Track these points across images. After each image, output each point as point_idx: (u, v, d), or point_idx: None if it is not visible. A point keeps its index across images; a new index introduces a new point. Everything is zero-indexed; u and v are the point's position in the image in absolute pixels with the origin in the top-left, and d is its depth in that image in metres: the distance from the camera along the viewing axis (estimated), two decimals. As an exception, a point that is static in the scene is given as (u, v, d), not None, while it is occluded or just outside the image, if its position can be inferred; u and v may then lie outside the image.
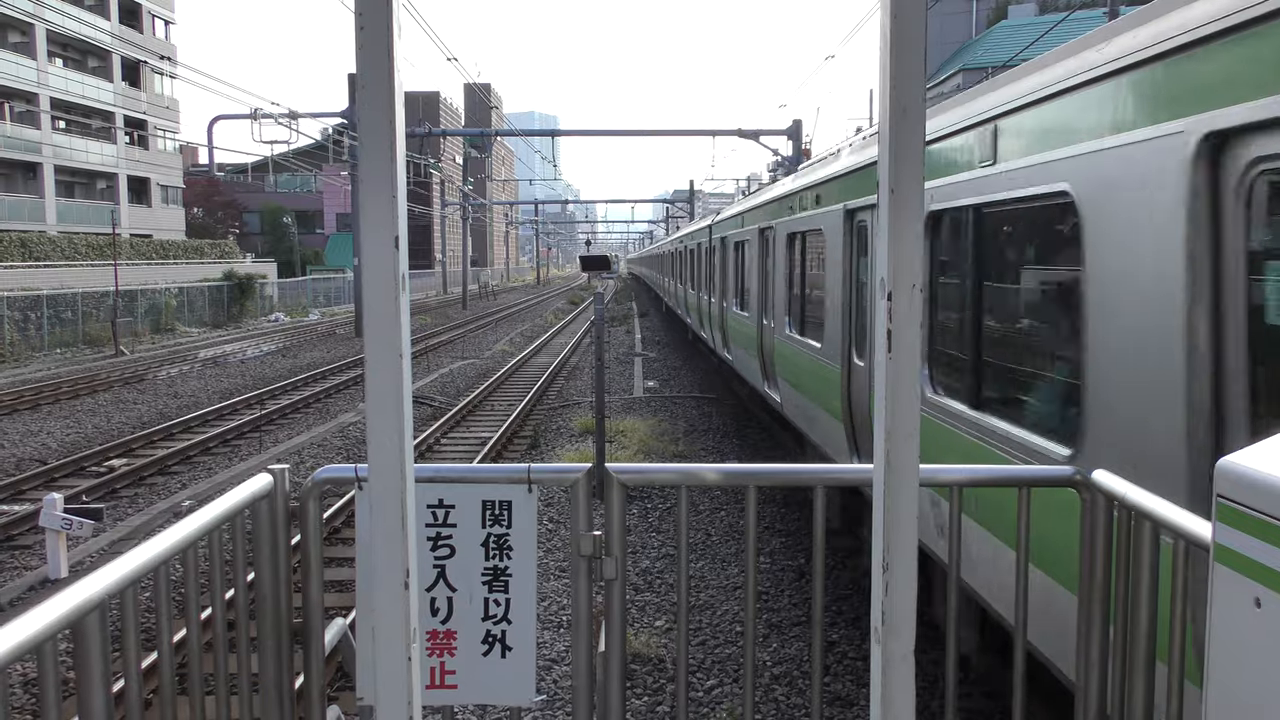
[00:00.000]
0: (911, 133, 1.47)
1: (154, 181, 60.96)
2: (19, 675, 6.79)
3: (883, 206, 1.54)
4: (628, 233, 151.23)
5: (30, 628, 1.87)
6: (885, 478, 1.56)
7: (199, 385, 23.27)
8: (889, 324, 1.51)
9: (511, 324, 44.67)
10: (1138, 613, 2.68)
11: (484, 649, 3.09)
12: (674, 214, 77.90)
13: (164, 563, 2.44)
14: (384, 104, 1.51)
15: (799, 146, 28.90)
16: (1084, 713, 2.92)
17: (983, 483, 3.59)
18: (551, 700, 6.44)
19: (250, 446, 15.87)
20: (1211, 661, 1.82)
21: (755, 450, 14.25)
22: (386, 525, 1.57)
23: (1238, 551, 1.76)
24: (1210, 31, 3.04)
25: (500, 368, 25.06)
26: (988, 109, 4.87)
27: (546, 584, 8.53)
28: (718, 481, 3.17)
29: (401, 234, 1.54)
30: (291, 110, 31.38)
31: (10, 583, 9.29)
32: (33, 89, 50.01)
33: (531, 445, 15.24)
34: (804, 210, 9.69)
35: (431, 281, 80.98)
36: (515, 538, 3.07)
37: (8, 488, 12.69)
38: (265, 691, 3.03)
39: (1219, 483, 1.79)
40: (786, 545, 9.64)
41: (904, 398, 1.53)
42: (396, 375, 1.56)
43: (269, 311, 49.71)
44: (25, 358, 30.34)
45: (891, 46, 1.45)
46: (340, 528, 10.35)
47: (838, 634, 7.39)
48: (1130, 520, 2.73)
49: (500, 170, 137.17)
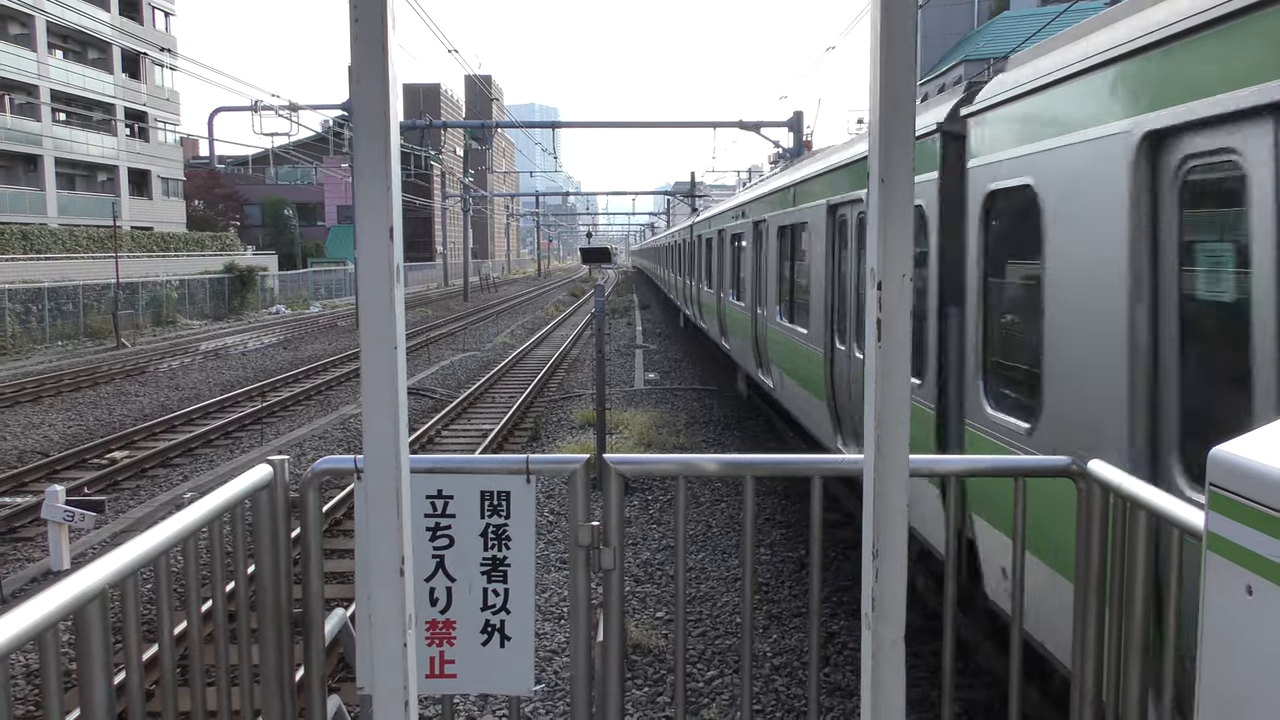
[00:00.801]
0: (902, 125, 1.49)
1: (155, 174, 60.90)
2: (21, 666, 6.82)
3: (873, 197, 1.55)
4: (629, 225, 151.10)
5: (32, 616, 1.89)
6: (875, 465, 1.57)
7: (200, 378, 23.31)
8: (879, 313, 1.52)
9: (512, 316, 44.68)
10: (1133, 600, 2.69)
11: (483, 639, 3.10)
12: (676, 209, 77.74)
13: (164, 553, 2.45)
14: (379, 98, 1.52)
15: (800, 138, 28.84)
16: (1079, 699, 2.94)
17: (980, 473, 3.60)
18: (551, 690, 6.47)
19: (252, 439, 15.90)
20: (1204, 648, 1.83)
21: (756, 442, 14.27)
22: (382, 512, 1.59)
23: (1230, 540, 1.78)
24: (1148, 41, 3.42)
25: (501, 360, 25.08)
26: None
27: (547, 575, 8.56)
28: (716, 472, 3.18)
29: (396, 226, 1.55)
30: (292, 102, 31.32)
31: (13, 574, 9.32)
32: (33, 81, 49.93)
33: (532, 437, 15.27)
34: (793, 205, 10.13)
35: (432, 273, 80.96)
36: (514, 528, 3.08)
37: (10, 480, 12.73)
38: (266, 682, 3.05)
39: (1212, 471, 1.81)
40: (787, 537, 9.66)
41: (894, 386, 1.54)
42: (391, 366, 1.57)
43: (270, 304, 49.73)
44: (27, 350, 30.39)
45: (882, 40, 1.46)
46: (341, 519, 10.38)
47: (838, 625, 7.41)
48: (1126, 509, 2.75)
49: (501, 162, 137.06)
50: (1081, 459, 2.98)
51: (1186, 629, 2.69)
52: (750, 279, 13.22)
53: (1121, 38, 3.63)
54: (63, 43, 54.47)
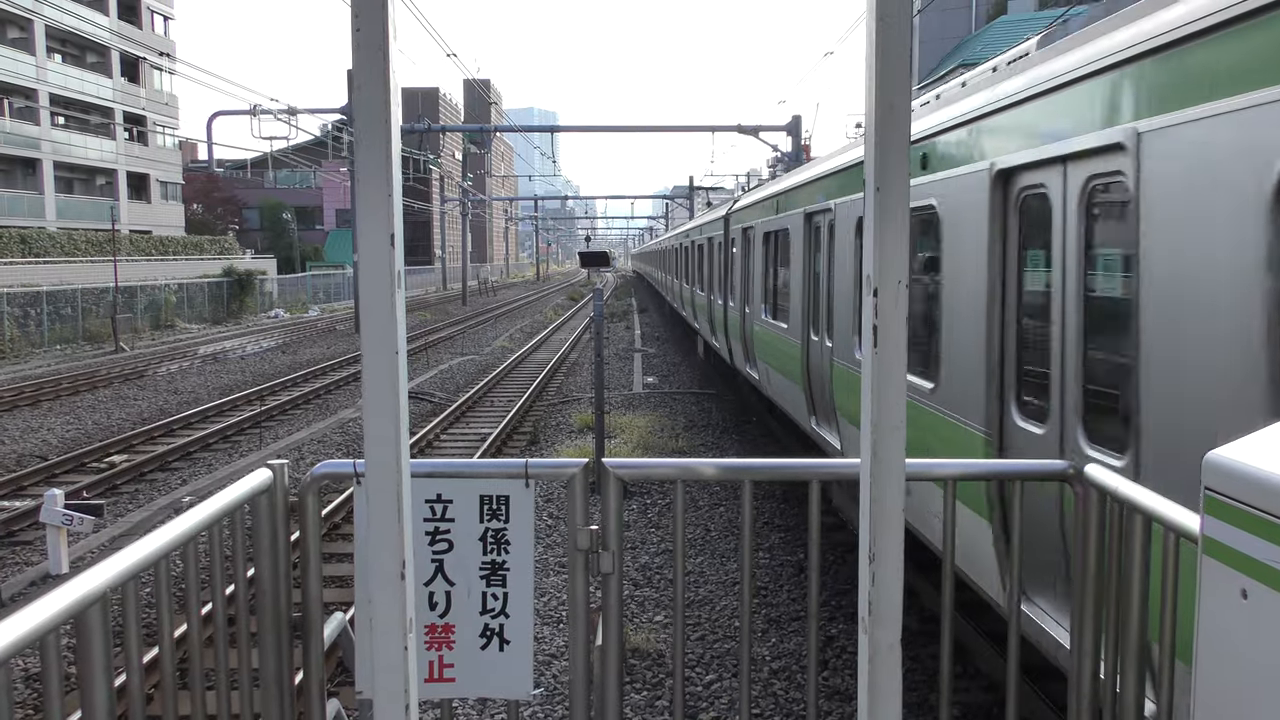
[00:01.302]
0: (897, 130, 1.50)
1: (153, 177, 60.90)
2: (20, 670, 6.82)
3: (869, 204, 1.56)
4: (627, 229, 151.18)
5: (33, 620, 1.89)
6: (872, 469, 1.58)
7: (199, 381, 23.30)
8: (875, 319, 1.53)
9: (511, 320, 44.69)
10: (1129, 603, 2.71)
11: (482, 643, 3.11)
12: (675, 214, 77.61)
13: (164, 557, 2.46)
14: (379, 103, 1.54)
15: (799, 142, 28.88)
16: (1076, 701, 2.95)
17: (975, 476, 3.62)
18: (550, 694, 6.48)
19: (250, 443, 15.90)
20: (1200, 651, 1.84)
21: (755, 446, 14.28)
22: (383, 516, 1.60)
23: (1225, 544, 1.79)
24: (1001, 105, 4.76)
25: (500, 364, 25.09)
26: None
27: (545, 580, 8.56)
28: (714, 476, 3.20)
29: (397, 231, 1.57)
30: (291, 106, 31.40)
31: (11, 578, 9.32)
32: (32, 84, 49.95)
33: (531, 441, 15.27)
34: (777, 213, 11.34)
35: (431, 277, 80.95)
36: (513, 532, 3.09)
37: (9, 483, 12.72)
38: (266, 686, 3.05)
39: (1207, 475, 1.82)
40: (785, 540, 9.67)
41: (891, 391, 1.55)
42: (392, 370, 1.58)
43: (269, 308, 49.71)
44: (25, 354, 30.38)
45: (877, 47, 1.47)
46: (340, 524, 10.38)
47: (836, 629, 7.42)
48: (1122, 513, 2.76)
49: (500, 166, 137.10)
50: (1078, 464, 3.00)
51: (1183, 632, 2.70)
52: (739, 280, 14.27)
53: (983, 101, 5.04)
54: (61, 46, 54.50)
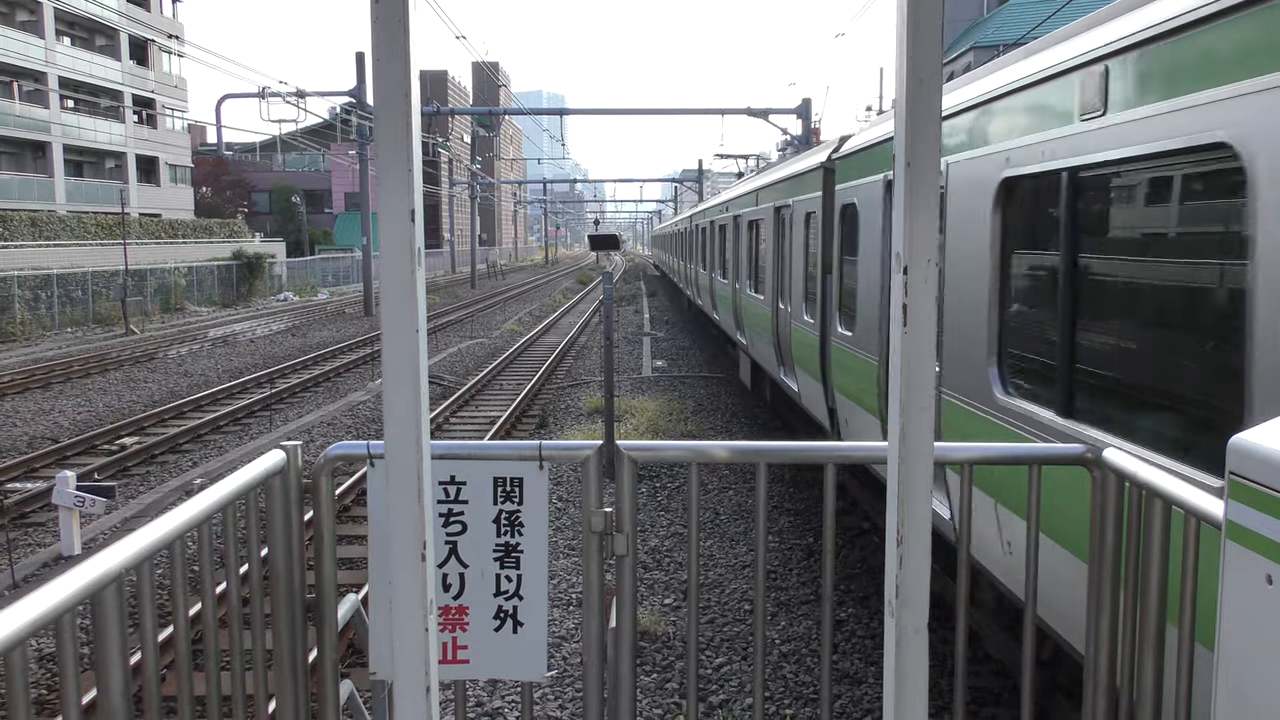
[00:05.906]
0: (928, 104, 1.46)
1: (162, 160, 60.88)
2: (33, 651, 6.85)
3: (898, 180, 1.52)
4: (636, 212, 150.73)
5: (50, 600, 1.89)
6: (900, 451, 1.55)
7: (209, 364, 23.35)
8: (905, 299, 1.50)
9: (520, 303, 44.66)
10: (1148, 589, 2.68)
11: (496, 624, 3.10)
12: (684, 196, 77.35)
13: (179, 538, 2.46)
14: (400, 79, 1.51)
15: (809, 125, 28.74)
16: (1093, 686, 2.94)
17: (994, 460, 3.59)
18: (560, 676, 6.49)
19: (260, 425, 15.94)
20: (1223, 637, 1.82)
21: (764, 429, 14.26)
22: (403, 498, 1.58)
23: (1250, 529, 1.76)
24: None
25: (509, 347, 25.08)
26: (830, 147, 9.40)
27: (556, 562, 8.57)
28: (728, 459, 3.18)
29: (418, 207, 1.54)
30: (299, 89, 31.31)
31: (25, 559, 9.37)
32: (41, 68, 49.89)
33: (540, 425, 15.27)
34: (756, 205, 13.76)
35: (440, 261, 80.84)
36: (526, 514, 3.07)
37: (20, 465, 12.78)
38: (279, 666, 3.05)
39: (1231, 459, 1.79)
40: (795, 524, 9.66)
41: (920, 372, 1.52)
42: (412, 348, 1.56)
43: (278, 291, 49.75)
44: (36, 337, 30.47)
45: (909, 17, 1.44)
46: (350, 505, 10.40)
47: (846, 612, 7.41)
48: (1141, 498, 2.73)
49: (508, 149, 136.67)
50: (1096, 448, 2.97)
51: (1203, 618, 2.68)
52: (730, 260, 16.85)
53: (884, 131, 6.67)
54: (70, 29, 54.42)
